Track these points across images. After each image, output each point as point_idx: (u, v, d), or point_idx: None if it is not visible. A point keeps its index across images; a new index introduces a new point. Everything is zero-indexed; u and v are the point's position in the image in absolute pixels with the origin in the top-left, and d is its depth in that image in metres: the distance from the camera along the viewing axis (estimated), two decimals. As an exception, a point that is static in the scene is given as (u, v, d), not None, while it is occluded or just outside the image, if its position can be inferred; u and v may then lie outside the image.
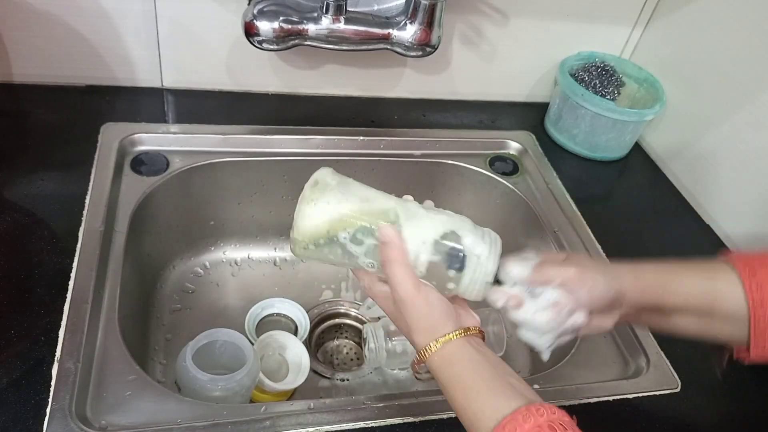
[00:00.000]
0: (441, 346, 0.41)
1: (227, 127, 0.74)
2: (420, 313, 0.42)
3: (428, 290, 0.43)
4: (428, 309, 0.42)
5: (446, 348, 0.41)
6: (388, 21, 0.71)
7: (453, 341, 0.41)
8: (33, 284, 0.53)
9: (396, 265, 0.42)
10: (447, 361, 0.41)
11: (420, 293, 0.42)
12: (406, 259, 0.42)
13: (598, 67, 0.86)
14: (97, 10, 0.71)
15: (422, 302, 0.42)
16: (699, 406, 0.56)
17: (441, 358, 0.41)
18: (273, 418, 0.47)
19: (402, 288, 0.42)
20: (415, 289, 0.42)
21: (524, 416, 0.35)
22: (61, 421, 0.44)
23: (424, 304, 0.42)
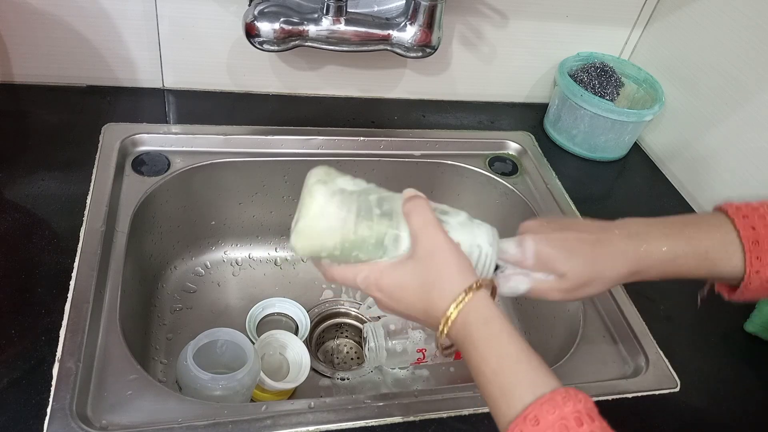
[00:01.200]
0: (474, 296, 0.37)
1: (228, 128, 0.74)
2: (449, 256, 0.39)
3: (450, 236, 0.40)
4: (456, 255, 0.39)
5: (479, 301, 0.38)
6: (389, 22, 0.71)
7: (482, 293, 0.38)
8: (34, 284, 0.54)
9: (423, 208, 0.40)
10: (483, 318, 0.37)
11: (448, 240, 0.40)
12: (432, 209, 0.41)
13: (598, 68, 0.86)
14: (97, 11, 0.71)
15: (450, 247, 0.39)
16: (698, 406, 0.56)
17: (476, 313, 0.38)
18: (274, 417, 0.48)
19: (432, 227, 0.39)
20: (444, 233, 0.40)
21: (563, 398, 0.33)
22: (62, 420, 0.44)
23: (453, 249, 0.39)
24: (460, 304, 0.38)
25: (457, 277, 0.39)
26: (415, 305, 0.40)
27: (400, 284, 0.40)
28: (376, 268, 0.41)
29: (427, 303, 0.39)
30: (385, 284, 0.40)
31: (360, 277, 0.41)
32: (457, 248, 0.40)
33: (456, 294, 0.38)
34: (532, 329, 0.75)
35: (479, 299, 0.38)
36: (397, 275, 0.40)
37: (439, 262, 0.39)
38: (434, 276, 0.39)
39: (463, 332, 0.38)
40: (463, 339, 0.38)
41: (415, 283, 0.39)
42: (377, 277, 0.40)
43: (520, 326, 0.78)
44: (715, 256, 0.44)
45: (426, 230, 0.40)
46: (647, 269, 0.44)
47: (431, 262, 0.39)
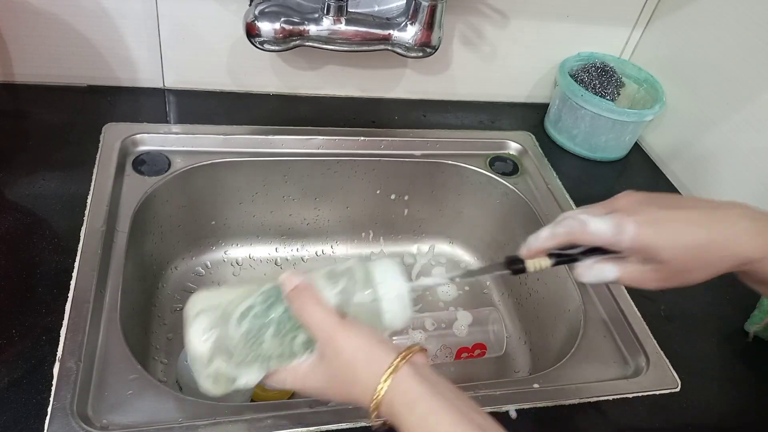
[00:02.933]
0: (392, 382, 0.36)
1: (228, 128, 0.74)
2: (354, 350, 0.37)
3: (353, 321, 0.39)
4: (362, 344, 0.37)
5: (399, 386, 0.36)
6: (389, 22, 0.71)
7: (403, 373, 0.36)
8: (34, 284, 0.54)
9: (311, 305, 0.38)
10: (406, 402, 0.35)
11: (349, 326, 0.38)
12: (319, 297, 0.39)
13: (598, 68, 0.86)
14: (98, 10, 0.71)
15: (354, 334, 0.38)
16: (699, 406, 0.56)
17: (400, 398, 0.36)
18: (274, 417, 0.48)
19: (326, 325, 0.37)
20: (341, 323, 0.38)
21: None
22: (63, 420, 0.44)
23: (357, 335, 0.38)
24: (377, 397, 0.36)
25: (369, 370, 0.37)
26: (345, 398, 0.39)
27: (322, 387, 0.39)
28: (296, 373, 0.40)
29: (352, 398, 0.38)
30: (310, 387, 0.40)
31: (288, 383, 0.41)
32: (361, 335, 0.38)
33: (374, 386, 0.36)
34: (533, 329, 0.75)
35: (399, 382, 0.36)
36: (316, 379, 0.40)
37: (347, 361, 0.38)
38: (348, 376, 0.38)
39: (394, 419, 0.36)
40: (397, 425, 0.36)
41: (335, 383, 0.39)
42: (302, 380, 0.40)
43: (520, 326, 0.78)
44: None
45: (322, 331, 0.38)
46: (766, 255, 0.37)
47: (340, 362, 0.38)
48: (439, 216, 0.85)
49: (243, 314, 0.40)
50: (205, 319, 0.41)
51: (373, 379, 0.36)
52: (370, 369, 0.37)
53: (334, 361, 0.38)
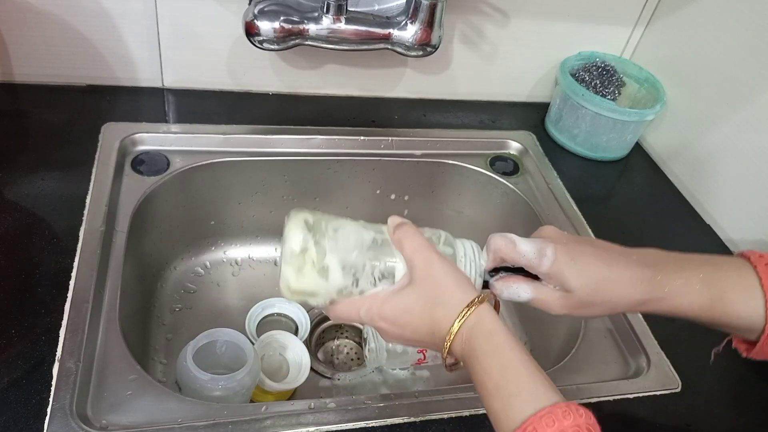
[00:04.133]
0: (476, 310, 0.38)
1: (228, 127, 0.74)
2: (447, 274, 0.40)
3: (444, 256, 0.41)
4: (453, 270, 0.40)
5: (482, 316, 0.38)
6: (389, 21, 0.71)
7: (484, 307, 0.39)
8: (34, 284, 0.53)
9: (413, 234, 0.41)
10: (486, 331, 0.38)
11: (441, 255, 0.41)
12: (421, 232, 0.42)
13: (599, 67, 0.86)
14: (97, 10, 0.71)
15: (447, 264, 0.40)
16: (699, 407, 0.56)
17: (480, 327, 0.38)
18: (273, 417, 0.47)
19: (425, 249, 0.40)
20: (436, 252, 0.41)
21: (564, 412, 0.33)
22: (62, 420, 0.44)
23: (448, 265, 0.40)
24: (463, 318, 0.38)
25: (457, 294, 0.39)
26: (420, 327, 0.40)
27: (404, 309, 0.41)
28: (377, 299, 0.41)
29: (432, 322, 0.40)
30: (389, 312, 0.41)
31: (362, 310, 0.42)
32: (453, 266, 0.41)
33: (459, 310, 0.38)
34: (534, 330, 0.75)
35: (482, 313, 0.39)
36: (399, 301, 0.41)
37: (438, 281, 0.40)
38: (435, 295, 0.40)
39: (467, 347, 0.38)
40: (468, 354, 0.38)
41: (418, 305, 0.40)
42: (379, 306, 0.41)
43: (521, 326, 0.78)
44: (732, 299, 0.42)
45: (420, 254, 0.41)
46: (657, 301, 0.42)
47: (430, 282, 0.40)
48: (439, 216, 0.85)
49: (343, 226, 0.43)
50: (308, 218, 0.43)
51: (459, 302, 0.39)
52: (458, 292, 0.39)
53: (426, 280, 0.40)
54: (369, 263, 0.42)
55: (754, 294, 0.42)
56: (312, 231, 0.42)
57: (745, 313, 0.42)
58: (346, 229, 0.43)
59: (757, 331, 0.42)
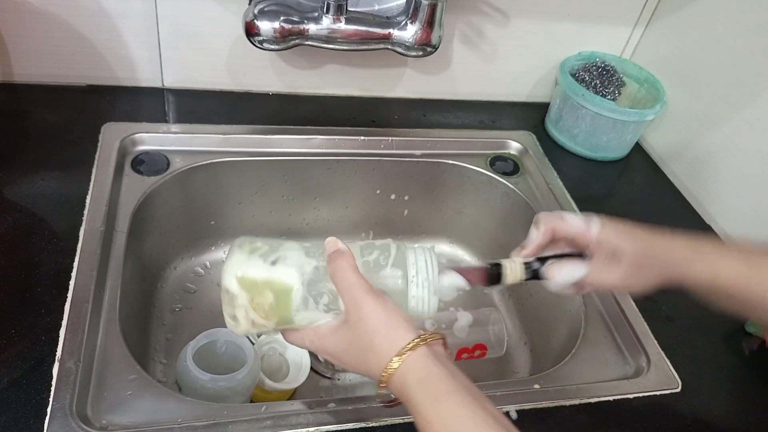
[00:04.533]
0: (409, 357, 0.37)
1: (228, 127, 0.74)
2: (377, 320, 0.38)
3: (384, 296, 0.40)
4: (385, 315, 0.39)
5: (415, 362, 0.37)
6: (389, 21, 0.71)
7: (419, 352, 0.37)
8: (34, 284, 0.53)
9: (346, 269, 0.39)
10: (419, 379, 0.36)
11: (377, 296, 0.39)
12: (355, 265, 0.40)
13: (599, 67, 0.86)
14: (97, 10, 0.71)
15: (381, 305, 0.39)
16: (699, 407, 0.56)
17: (413, 374, 0.37)
18: (273, 417, 0.47)
19: (356, 291, 0.39)
20: (371, 292, 0.39)
21: None
22: (62, 420, 0.44)
23: (383, 308, 0.39)
24: (390, 369, 0.37)
25: (387, 342, 0.38)
26: (357, 367, 0.40)
27: (341, 349, 0.41)
28: (318, 332, 0.42)
29: (366, 367, 0.39)
30: (328, 348, 0.41)
31: (307, 341, 0.42)
32: (386, 309, 0.39)
33: (389, 357, 0.37)
34: (534, 330, 0.75)
35: (415, 360, 0.37)
36: (336, 340, 0.41)
37: (368, 328, 0.39)
38: (366, 342, 0.39)
39: (403, 394, 0.38)
40: (406, 401, 0.38)
41: (353, 348, 0.40)
42: (321, 341, 0.42)
43: (521, 327, 0.78)
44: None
45: (351, 296, 0.39)
46: (702, 265, 0.43)
47: (361, 328, 0.39)
48: (439, 216, 0.85)
49: (282, 257, 0.42)
50: (246, 253, 0.42)
51: (390, 352, 0.38)
52: (389, 341, 0.38)
53: (357, 326, 0.39)
54: (314, 296, 0.41)
55: None
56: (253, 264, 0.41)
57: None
58: (290, 260, 0.42)
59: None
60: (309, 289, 0.41)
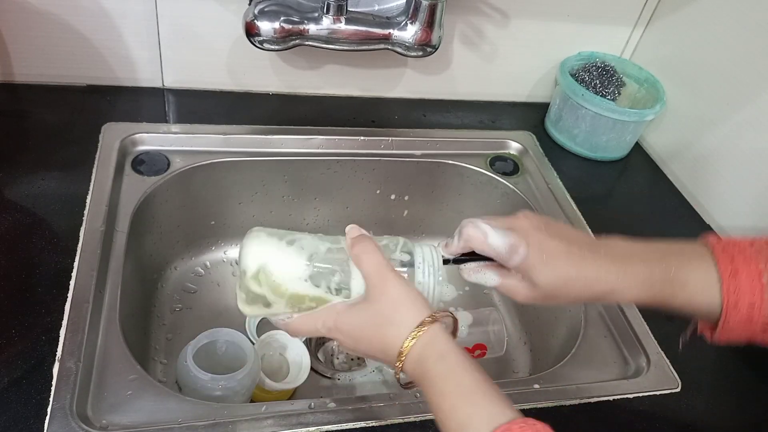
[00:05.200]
0: (428, 331, 0.38)
1: (228, 127, 0.74)
2: (401, 293, 0.40)
3: (400, 274, 0.42)
4: (409, 290, 0.40)
5: (434, 336, 0.38)
6: (389, 21, 0.71)
7: (437, 327, 0.39)
8: (34, 284, 0.53)
9: (371, 251, 0.41)
10: (437, 352, 0.38)
11: (398, 274, 0.41)
12: (378, 247, 0.42)
13: (599, 67, 0.86)
14: (98, 10, 0.71)
15: (402, 284, 0.40)
16: (699, 407, 0.56)
17: (431, 348, 0.38)
18: (274, 417, 0.48)
19: (382, 268, 0.40)
20: (393, 270, 0.41)
21: (520, 428, 0.34)
22: (62, 420, 0.44)
23: (404, 284, 0.41)
24: (413, 339, 0.38)
25: (410, 314, 0.39)
26: (373, 344, 0.41)
27: (357, 325, 0.41)
28: (333, 311, 0.42)
29: (384, 341, 0.40)
30: (344, 326, 0.42)
31: (320, 323, 0.43)
32: (408, 285, 0.41)
33: (410, 330, 0.39)
34: (533, 330, 0.75)
35: (434, 334, 0.39)
36: (354, 317, 0.41)
37: (392, 301, 0.40)
38: (388, 315, 0.40)
39: (419, 368, 0.38)
40: (421, 375, 0.38)
41: (371, 323, 0.41)
42: (335, 319, 0.42)
43: (521, 326, 0.78)
44: (693, 288, 0.43)
45: (377, 272, 0.41)
46: (622, 291, 0.43)
47: (384, 301, 0.40)
48: (439, 216, 0.85)
49: (298, 239, 0.43)
50: (264, 234, 0.44)
51: (412, 322, 0.39)
52: (412, 312, 0.39)
53: (380, 298, 0.40)
54: (326, 274, 0.42)
55: (711, 280, 0.43)
56: (270, 243, 0.43)
57: (705, 301, 0.43)
58: (304, 241, 0.44)
59: (717, 315, 0.43)
60: (321, 267, 0.42)
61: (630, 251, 0.45)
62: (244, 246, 0.43)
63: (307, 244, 0.43)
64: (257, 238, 0.43)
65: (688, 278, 0.43)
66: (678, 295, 0.43)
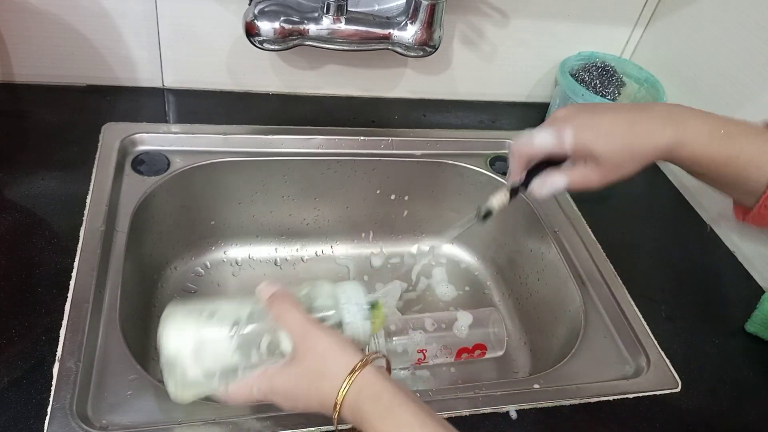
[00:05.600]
0: (361, 375, 0.39)
1: (228, 127, 0.74)
2: (327, 345, 0.40)
3: (326, 326, 0.42)
4: (334, 339, 0.41)
5: (367, 378, 0.39)
6: (389, 21, 0.71)
7: (369, 370, 0.39)
8: (34, 284, 0.53)
9: (290, 308, 0.42)
10: (373, 393, 0.38)
11: (323, 326, 0.41)
12: (296, 302, 0.42)
13: (599, 68, 0.86)
14: (98, 10, 0.71)
15: (326, 334, 0.41)
16: (699, 406, 0.56)
17: (367, 390, 0.38)
18: (274, 417, 0.47)
19: (304, 324, 0.41)
20: (317, 323, 0.41)
21: None
22: (62, 420, 0.44)
23: (330, 333, 0.41)
24: (347, 387, 0.39)
25: (340, 363, 0.40)
26: (310, 400, 0.41)
27: (292, 385, 0.41)
28: (265, 375, 0.42)
29: (319, 395, 0.40)
30: (278, 388, 0.42)
31: (255, 389, 0.42)
32: (333, 335, 0.41)
33: (342, 378, 0.39)
34: (533, 330, 0.75)
35: (367, 377, 0.39)
36: (286, 378, 0.41)
37: (319, 355, 0.40)
38: (318, 368, 0.40)
39: (357, 414, 0.38)
40: (360, 420, 0.38)
41: (304, 380, 0.41)
42: (269, 383, 0.42)
43: (521, 327, 0.78)
44: (747, 159, 0.42)
45: (300, 329, 0.41)
46: (680, 149, 0.43)
47: (311, 357, 0.40)
48: (439, 216, 0.85)
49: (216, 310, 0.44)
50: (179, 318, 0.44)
51: (343, 371, 0.39)
52: (341, 361, 0.40)
53: (308, 355, 0.41)
54: (253, 340, 0.43)
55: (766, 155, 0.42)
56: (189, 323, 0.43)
57: (755, 175, 0.42)
58: (223, 311, 0.44)
59: (758, 195, 0.43)
60: (247, 335, 0.42)
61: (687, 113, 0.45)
62: (163, 331, 0.43)
63: (229, 312, 0.43)
64: (174, 322, 0.43)
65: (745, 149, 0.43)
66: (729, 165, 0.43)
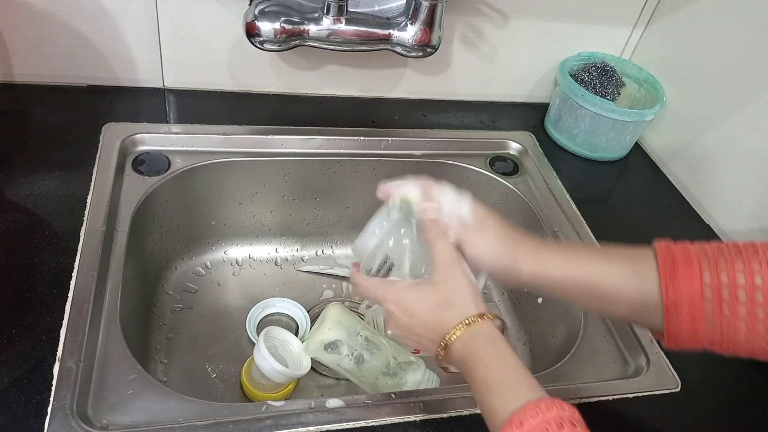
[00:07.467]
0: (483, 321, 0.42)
1: (228, 127, 0.74)
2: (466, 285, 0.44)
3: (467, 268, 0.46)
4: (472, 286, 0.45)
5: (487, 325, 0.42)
6: (389, 22, 0.71)
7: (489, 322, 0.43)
8: (34, 284, 0.54)
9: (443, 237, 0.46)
10: (489, 337, 0.42)
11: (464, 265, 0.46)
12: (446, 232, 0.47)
13: (598, 68, 0.86)
14: (98, 10, 0.71)
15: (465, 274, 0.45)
16: (699, 406, 0.56)
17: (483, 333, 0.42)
18: (274, 417, 0.48)
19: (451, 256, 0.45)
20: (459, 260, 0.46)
21: (548, 405, 0.36)
22: (63, 420, 0.44)
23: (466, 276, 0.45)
24: (471, 324, 0.42)
25: (470, 303, 0.44)
26: (427, 321, 0.44)
27: (418, 301, 0.45)
28: (397, 285, 0.47)
29: (439, 319, 0.44)
30: (404, 300, 0.46)
31: (380, 290, 0.47)
32: (473, 283, 0.45)
33: (468, 315, 0.43)
34: (533, 329, 0.75)
35: (488, 323, 0.43)
36: (416, 292, 0.46)
37: (458, 287, 0.44)
38: (451, 297, 0.44)
39: (468, 347, 0.42)
40: (469, 353, 0.42)
41: (432, 301, 0.45)
42: (397, 292, 0.46)
43: (521, 326, 0.78)
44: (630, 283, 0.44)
45: (446, 257, 0.46)
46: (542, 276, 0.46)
47: (450, 286, 0.45)
48: (439, 216, 0.85)
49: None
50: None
51: (471, 308, 0.43)
52: (471, 299, 0.44)
53: (447, 282, 0.45)
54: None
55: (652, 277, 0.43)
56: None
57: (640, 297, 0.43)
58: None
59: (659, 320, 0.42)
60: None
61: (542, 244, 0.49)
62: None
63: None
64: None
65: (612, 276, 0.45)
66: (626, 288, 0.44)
